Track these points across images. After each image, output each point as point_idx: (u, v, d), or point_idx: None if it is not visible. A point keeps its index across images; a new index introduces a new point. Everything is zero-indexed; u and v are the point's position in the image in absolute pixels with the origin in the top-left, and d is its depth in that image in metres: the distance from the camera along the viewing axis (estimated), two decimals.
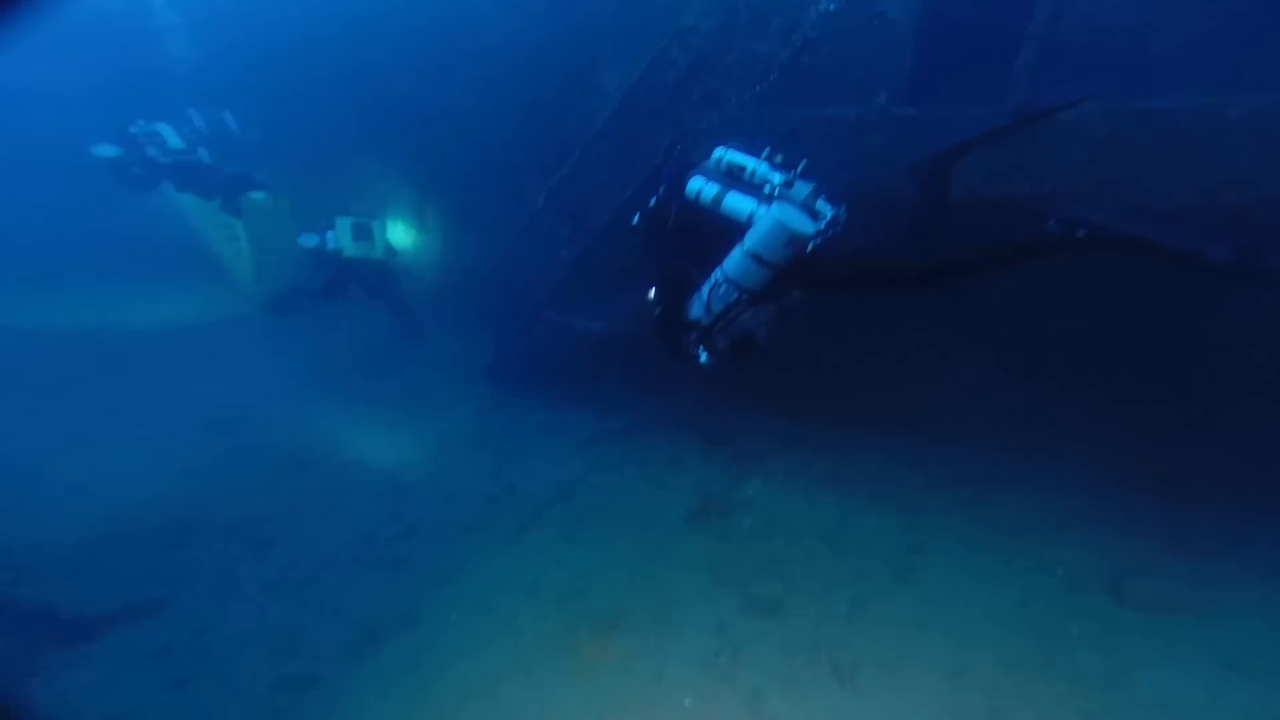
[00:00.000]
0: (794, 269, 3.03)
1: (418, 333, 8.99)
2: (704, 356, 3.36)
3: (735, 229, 3.08)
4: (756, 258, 2.99)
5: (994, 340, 5.15)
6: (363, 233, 8.14)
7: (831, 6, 4.46)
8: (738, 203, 3.10)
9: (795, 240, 2.92)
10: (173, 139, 8.93)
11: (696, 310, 3.26)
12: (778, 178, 3.11)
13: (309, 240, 8.22)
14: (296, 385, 7.99)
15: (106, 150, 8.68)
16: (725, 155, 3.28)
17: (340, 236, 8.07)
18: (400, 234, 9.15)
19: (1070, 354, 4.99)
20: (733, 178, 3.23)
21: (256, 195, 9.46)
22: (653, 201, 3.45)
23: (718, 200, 3.15)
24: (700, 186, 3.21)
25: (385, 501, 5.64)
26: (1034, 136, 3.80)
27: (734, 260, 3.07)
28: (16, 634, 4.15)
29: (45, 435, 6.52)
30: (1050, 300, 4.64)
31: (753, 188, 3.14)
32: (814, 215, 3.06)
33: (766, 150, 3.25)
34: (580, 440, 6.51)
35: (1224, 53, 3.82)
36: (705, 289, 3.19)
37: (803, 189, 3.13)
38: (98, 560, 4.84)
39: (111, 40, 10.57)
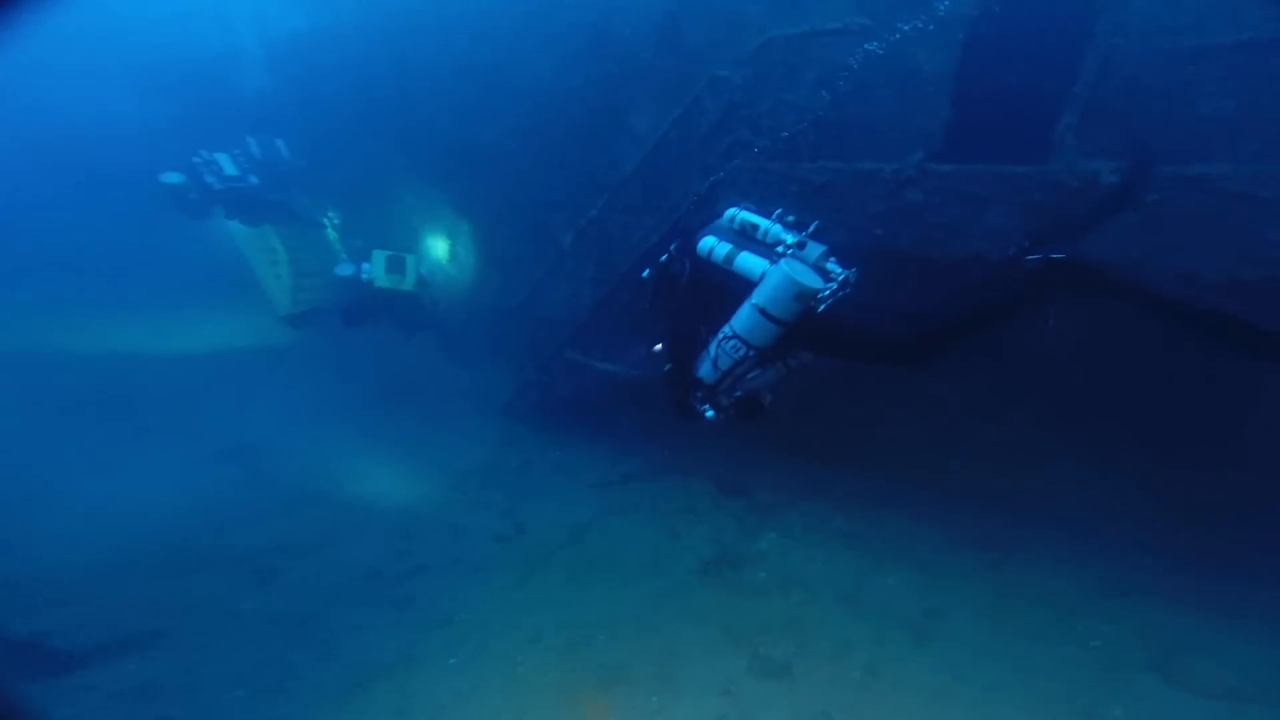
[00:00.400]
0: (802, 329, 2.97)
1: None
2: (709, 413, 3.31)
3: (746, 288, 3.04)
4: (764, 312, 2.95)
5: (1024, 399, 4.97)
6: (396, 265, 8.44)
7: (876, 48, 4.40)
8: (749, 262, 3.07)
9: (802, 295, 2.87)
10: (229, 166, 9.38)
11: (704, 369, 3.22)
12: (790, 238, 3.08)
13: (345, 270, 8.54)
14: (318, 415, 8.17)
15: (172, 178, 9.15)
16: (738, 214, 3.28)
17: (374, 268, 8.37)
18: (431, 268, 9.39)
19: (1108, 414, 4.77)
20: (745, 237, 3.22)
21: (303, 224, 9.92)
22: (664, 257, 3.46)
23: (729, 259, 3.13)
24: (713, 245, 3.20)
25: (396, 537, 5.66)
26: (1077, 203, 3.68)
27: (742, 315, 3.04)
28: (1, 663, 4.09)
29: (69, 459, 6.69)
30: (1086, 359, 4.46)
31: (765, 247, 3.12)
32: (825, 275, 3.02)
33: (779, 210, 3.23)
34: (594, 481, 6.49)
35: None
36: (713, 345, 3.16)
37: (815, 249, 3.10)
38: (102, 587, 4.88)
39: (198, 70, 11.20)
